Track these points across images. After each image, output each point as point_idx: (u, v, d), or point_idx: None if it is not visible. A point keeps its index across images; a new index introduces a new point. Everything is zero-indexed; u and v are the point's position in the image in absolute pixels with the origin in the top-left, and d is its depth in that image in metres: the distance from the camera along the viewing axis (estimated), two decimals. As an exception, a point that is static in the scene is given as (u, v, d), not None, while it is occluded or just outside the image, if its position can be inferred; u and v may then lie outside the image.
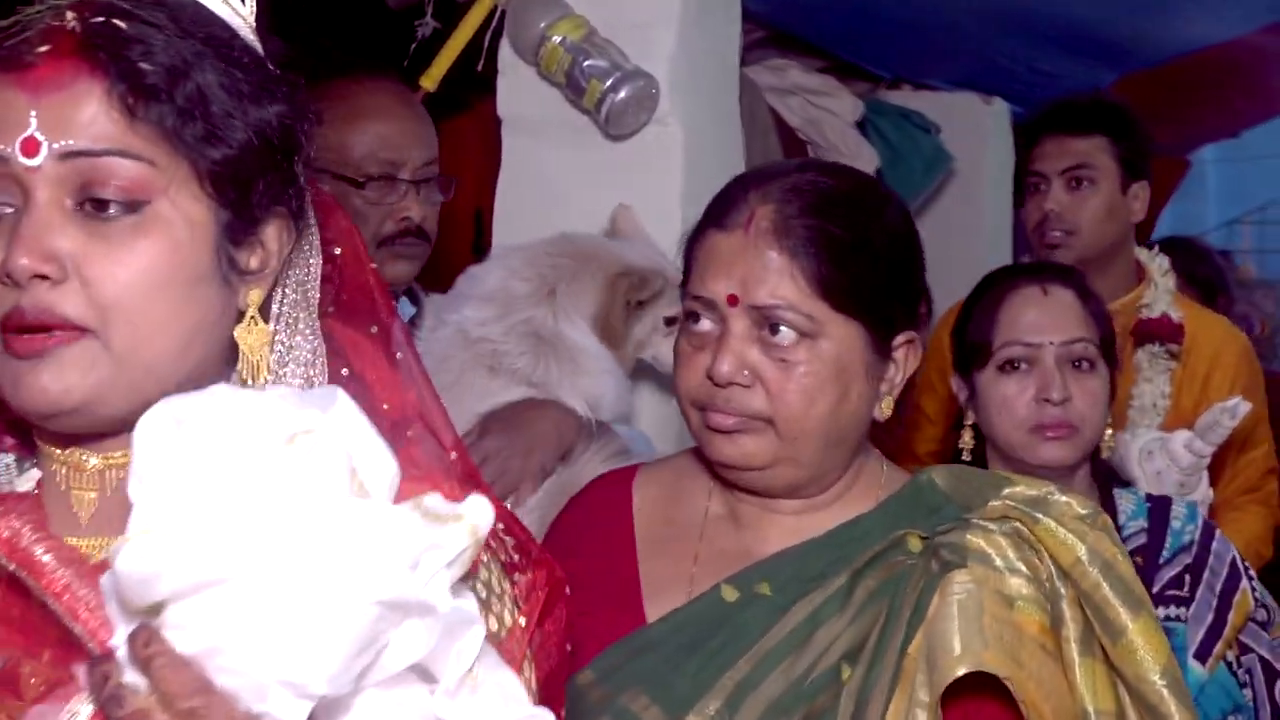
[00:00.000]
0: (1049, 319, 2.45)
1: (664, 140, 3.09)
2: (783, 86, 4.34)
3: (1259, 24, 4.72)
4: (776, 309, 1.61)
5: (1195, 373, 3.24)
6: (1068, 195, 3.27)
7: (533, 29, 3.01)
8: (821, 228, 1.62)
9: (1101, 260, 3.25)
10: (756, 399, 1.62)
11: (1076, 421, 2.42)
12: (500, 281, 2.48)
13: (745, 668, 1.55)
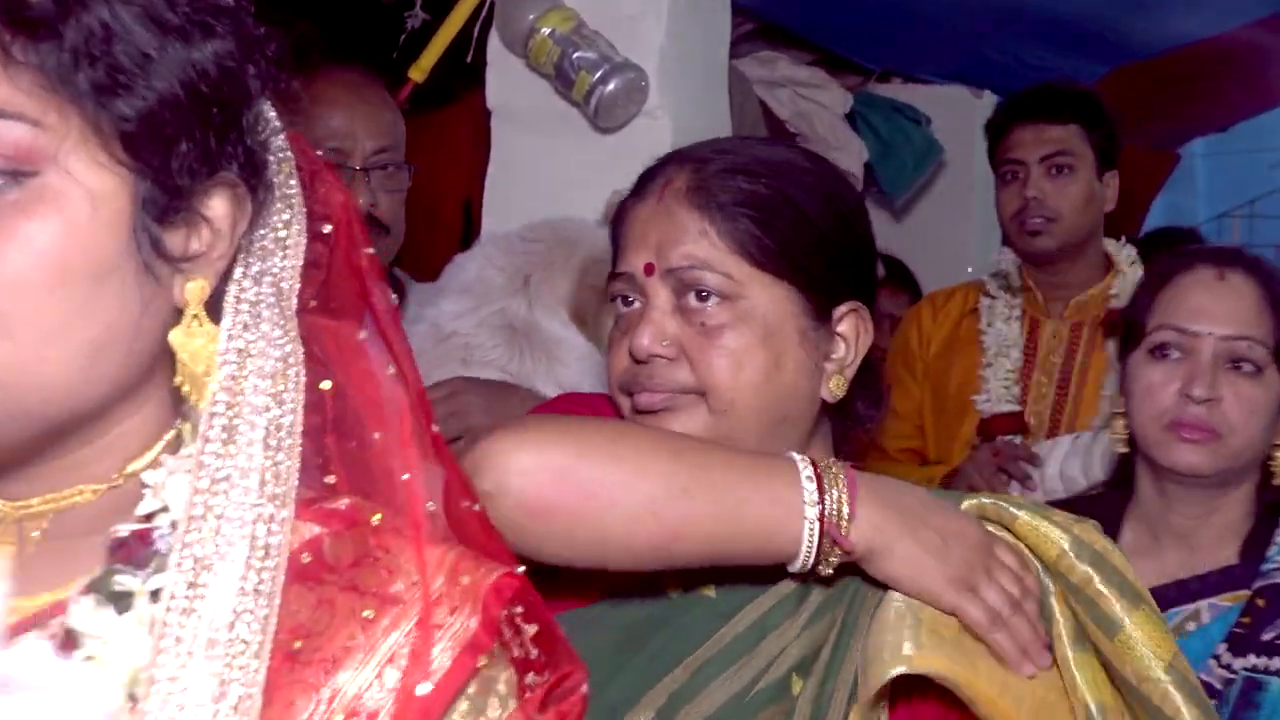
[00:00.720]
0: (1218, 307, 2.19)
1: (653, 132, 3.09)
2: (772, 79, 4.34)
3: (1249, 18, 4.72)
4: (692, 270, 1.50)
5: None
6: (1048, 182, 3.25)
7: (522, 21, 3.00)
8: (739, 185, 1.51)
9: (1076, 249, 3.27)
10: (681, 371, 1.50)
11: (1221, 427, 2.15)
12: (477, 272, 2.47)
13: (683, 676, 1.43)
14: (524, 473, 1.34)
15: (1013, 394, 3.27)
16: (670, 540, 1.36)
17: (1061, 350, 3.29)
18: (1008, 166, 3.31)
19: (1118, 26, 4.65)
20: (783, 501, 1.39)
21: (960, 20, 4.46)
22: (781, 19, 4.30)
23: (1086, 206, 3.25)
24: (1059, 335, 3.30)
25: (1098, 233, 3.31)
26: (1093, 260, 3.31)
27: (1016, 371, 3.28)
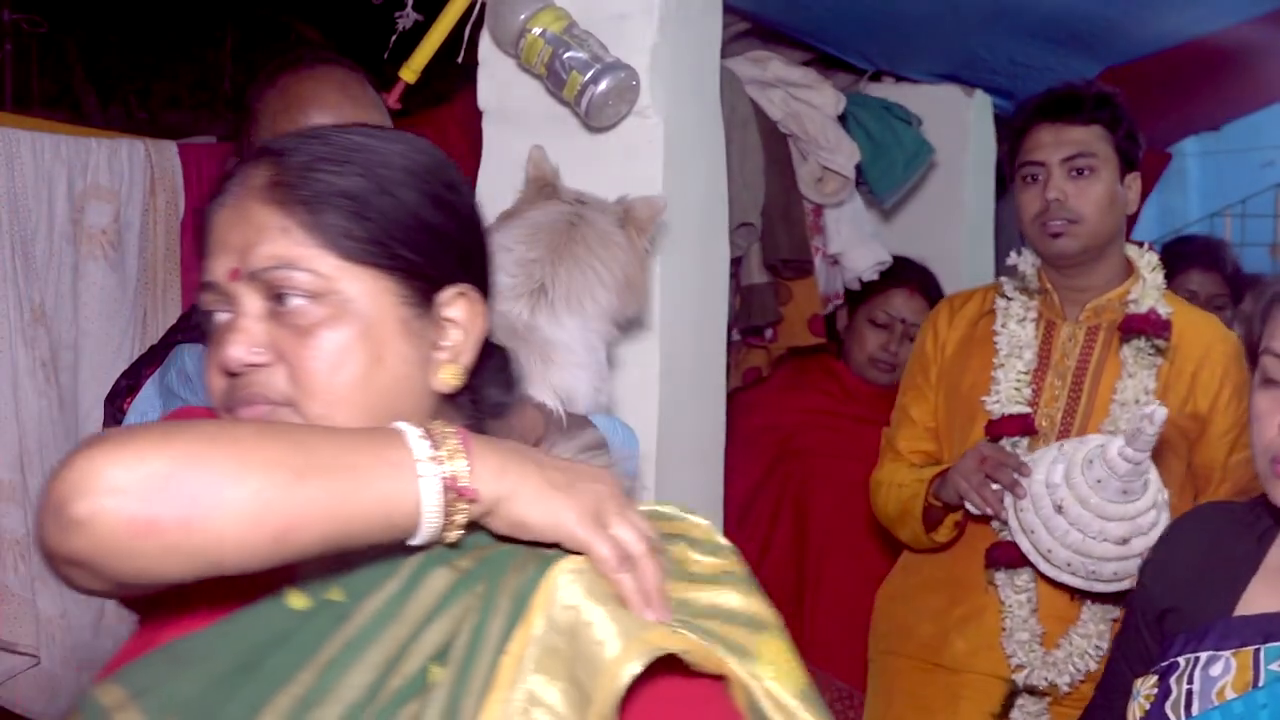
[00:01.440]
0: None
1: (644, 132, 3.09)
2: (764, 79, 4.34)
3: (1241, 17, 4.73)
4: (277, 270, 1.39)
5: (1182, 371, 3.19)
6: (1070, 184, 3.20)
7: (513, 21, 3.00)
8: (322, 177, 1.41)
9: (1097, 252, 3.22)
10: (278, 377, 1.39)
11: None
12: None
13: (309, 679, 1.31)
14: (119, 490, 1.22)
15: (1024, 396, 3.22)
16: (288, 530, 1.26)
17: (1076, 353, 3.25)
18: (1028, 168, 3.27)
19: (1110, 26, 4.66)
20: (399, 465, 1.30)
21: (952, 20, 4.46)
22: (774, 18, 4.30)
23: (1109, 209, 3.20)
24: (1074, 338, 3.26)
25: (1119, 236, 3.27)
26: (1113, 264, 3.26)
27: (1029, 373, 3.24)
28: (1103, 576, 2.91)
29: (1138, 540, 2.84)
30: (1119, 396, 3.14)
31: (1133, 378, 3.15)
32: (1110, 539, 2.86)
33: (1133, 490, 2.82)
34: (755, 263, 4.31)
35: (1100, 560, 2.88)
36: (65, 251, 3.65)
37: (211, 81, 7.46)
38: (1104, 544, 2.86)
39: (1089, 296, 3.26)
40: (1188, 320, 3.25)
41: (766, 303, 4.34)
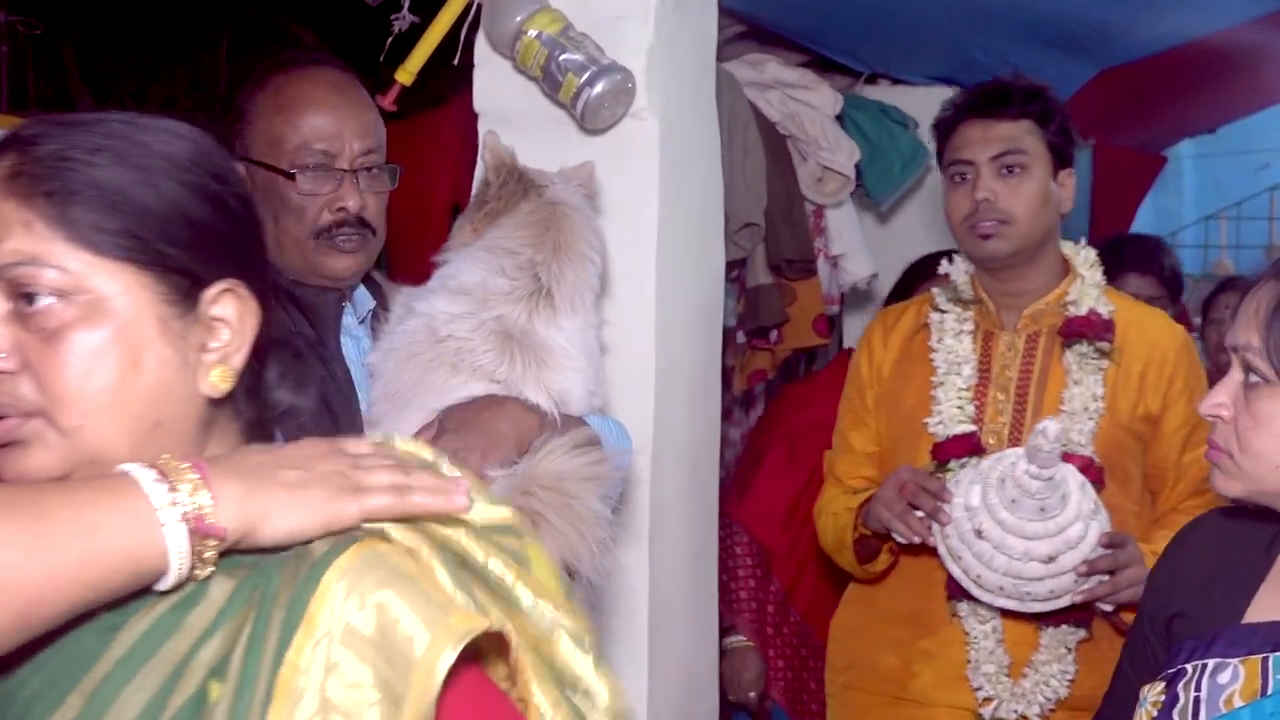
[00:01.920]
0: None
1: (640, 134, 3.09)
2: (761, 81, 4.35)
3: (1237, 20, 4.74)
4: (19, 267, 1.29)
5: (1130, 371, 3.03)
6: (1000, 182, 3.03)
7: (509, 23, 3.00)
8: (70, 167, 1.31)
9: (1031, 253, 3.07)
10: (25, 386, 1.30)
11: None
12: (482, 278, 2.46)
13: (78, 703, 1.22)
14: None
15: (967, 414, 3.06)
16: (31, 607, 1.16)
17: (1017, 364, 3.09)
18: (956, 167, 3.11)
19: (1105, 28, 4.66)
20: (137, 515, 1.21)
21: (947, 23, 4.47)
22: (769, 21, 4.31)
23: (1042, 208, 3.05)
24: (1014, 347, 3.10)
25: (1054, 236, 3.11)
26: (1049, 265, 3.11)
27: (970, 389, 3.07)
28: (1038, 596, 2.82)
29: (1067, 556, 2.76)
30: (1066, 406, 3.00)
31: (1079, 385, 3.01)
32: (1036, 558, 2.76)
33: (1050, 506, 2.73)
34: (760, 264, 4.32)
35: (1031, 581, 2.79)
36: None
37: (207, 83, 7.47)
38: (1031, 564, 2.77)
39: (1025, 301, 3.11)
40: (1132, 317, 3.10)
41: (772, 304, 4.35)
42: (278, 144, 2.42)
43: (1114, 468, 2.99)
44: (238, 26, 7.41)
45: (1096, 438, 2.99)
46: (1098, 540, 2.79)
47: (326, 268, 2.42)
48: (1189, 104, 6.40)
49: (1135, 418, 3.01)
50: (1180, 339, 3.09)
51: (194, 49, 7.51)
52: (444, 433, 2.33)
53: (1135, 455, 3.04)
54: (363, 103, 2.49)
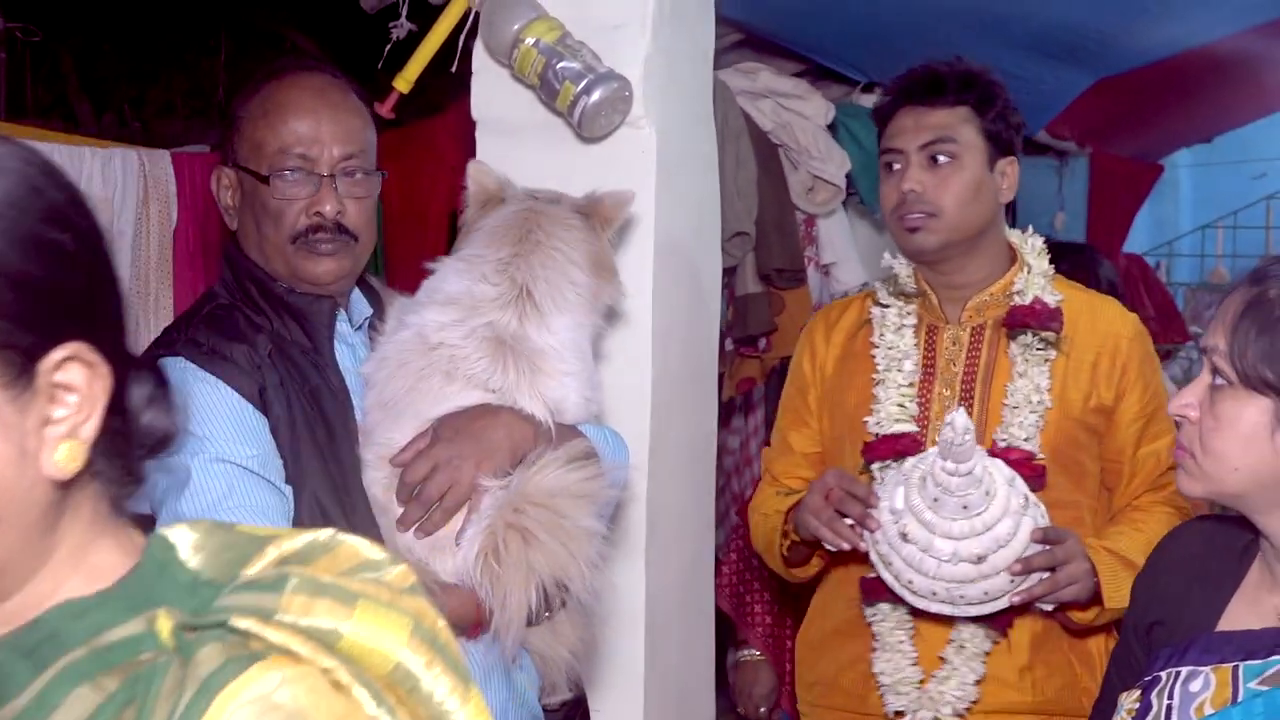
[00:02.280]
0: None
1: (637, 143, 3.10)
2: (754, 90, 4.35)
3: (1233, 29, 4.75)
4: None
5: (1081, 362, 2.90)
6: (928, 173, 2.90)
7: (506, 31, 3.01)
8: None
9: (967, 245, 2.92)
10: None
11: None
12: (468, 285, 2.46)
13: None
14: None
15: (909, 412, 2.92)
16: None
17: (962, 358, 2.94)
18: (888, 156, 2.99)
19: (1102, 37, 4.67)
20: None
21: (942, 31, 4.47)
22: (765, 30, 4.31)
23: (973, 199, 2.90)
24: (959, 341, 2.95)
25: (993, 226, 2.95)
26: (991, 255, 2.96)
27: (912, 386, 2.94)
28: (972, 600, 2.67)
29: (998, 555, 2.63)
30: (1010, 400, 2.87)
31: (1024, 377, 2.87)
32: (965, 559, 2.62)
33: (974, 503, 2.60)
34: (750, 272, 4.32)
35: (962, 583, 2.65)
36: (59, 259, 3.66)
37: (205, 91, 7.47)
38: (961, 565, 2.63)
39: (969, 293, 2.96)
40: (1083, 306, 2.96)
41: (761, 312, 4.35)
42: (259, 149, 2.41)
43: (1066, 462, 2.88)
44: (236, 34, 7.41)
45: (1044, 431, 2.86)
46: (1031, 536, 2.65)
47: (306, 272, 2.41)
48: (1186, 113, 6.41)
49: (1088, 410, 2.89)
50: (1133, 328, 2.96)
51: (192, 56, 7.51)
52: (438, 441, 2.33)
53: (1089, 449, 2.92)
54: (347, 107, 2.47)
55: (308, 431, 2.33)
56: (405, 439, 2.35)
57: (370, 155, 2.48)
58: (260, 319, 2.39)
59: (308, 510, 2.28)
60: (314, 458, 2.32)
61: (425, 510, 2.32)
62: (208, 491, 2.20)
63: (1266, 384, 1.94)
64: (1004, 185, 2.96)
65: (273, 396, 2.31)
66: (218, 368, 2.29)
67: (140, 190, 3.83)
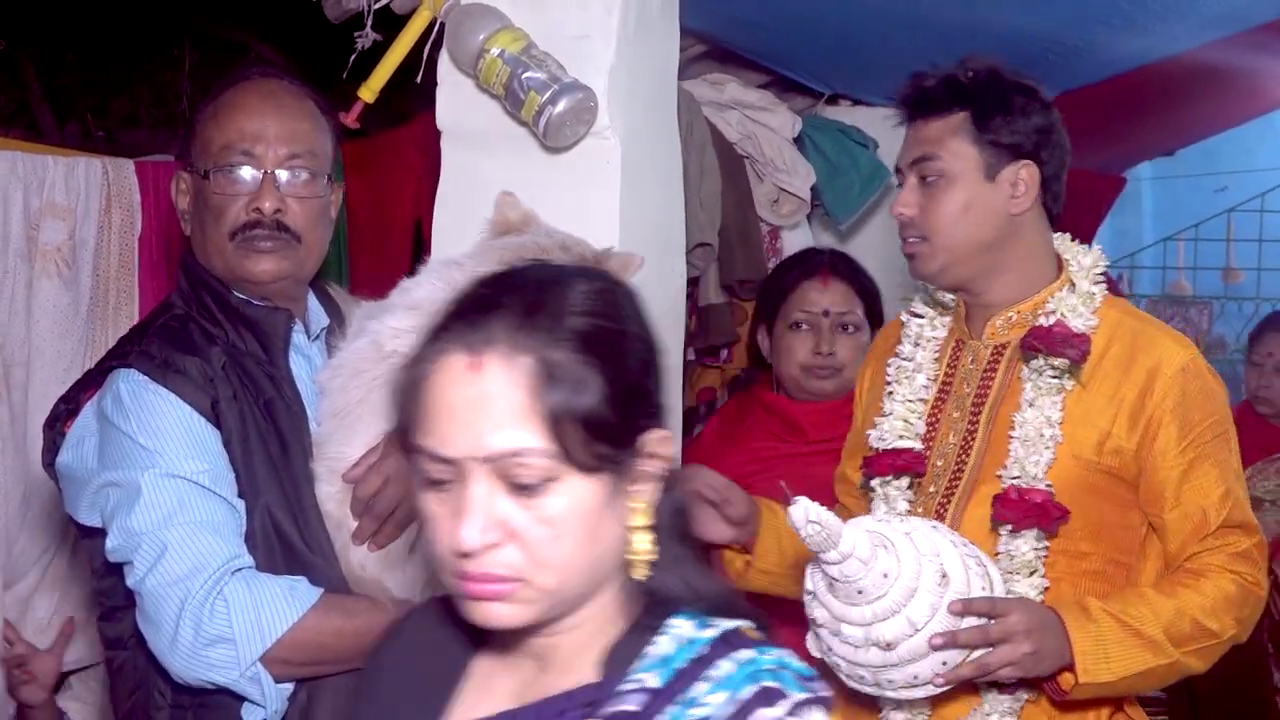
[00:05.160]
0: None
1: (602, 153, 3.10)
2: (720, 101, 4.37)
3: (1196, 43, 4.78)
4: None
5: (1100, 395, 2.58)
6: (920, 194, 2.66)
7: (471, 41, 3.01)
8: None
9: (983, 263, 2.66)
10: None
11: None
12: (429, 292, 2.44)
13: None
14: None
15: (915, 429, 2.70)
16: None
17: (976, 378, 2.68)
18: (896, 177, 2.79)
19: (1065, 50, 4.70)
20: None
21: (908, 43, 4.49)
22: (731, 42, 4.33)
23: (964, 217, 2.62)
24: (978, 360, 2.70)
25: (1013, 240, 2.66)
26: (1024, 270, 2.67)
27: (923, 401, 2.72)
28: (899, 684, 2.36)
29: (914, 640, 2.30)
30: (1017, 432, 2.57)
31: (1033, 407, 2.57)
32: (877, 644, 2.30)
33: (870, 589, 2.26)
34: (713, 283, 4.34)
35: (880, 668, 2.34)
36: (20, 269, 3.64)
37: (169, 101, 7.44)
38: (873, 651, 2.32)
39: (994, 312, 2.70)
40: (1127, 333, 2.63)
41: (723, 323, 4.37)
42: (206, 147, 2.41)
43: (1077, 508, 2.54)
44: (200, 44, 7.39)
45: (1053, 471, 2.55)
46: (949, 609, 2.31)
47: (244, 270, 2.38)
48: (1148, 127, 6.45)
49: (1104, 452, 2.56)
50: (1181, 361, 2.59)
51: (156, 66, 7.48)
52: (389, 454, 2.31)
53: (1113, 496, 2.59)
54: (297, 110, 2.46)
55: (261, 445, 2.31)
56: (357, 453, 2.33)
57: (321, 160, 2.46)
58: (215, 329, 2.38)
59: (260, 524, 2.27)
60: (267, 471, 2.30)
61: (378, 524, 2.31)
62: (158, 506, 2.19)
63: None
64: (1017, 194, 2.65)
65: (225, 409, 2.29)
66: (170, 380, 2.27)
67: (103, 199, 3.82)
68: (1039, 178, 2.67)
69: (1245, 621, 2.55)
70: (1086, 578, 2.56)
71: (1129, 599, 2.49)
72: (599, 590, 1.55)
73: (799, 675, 1.50)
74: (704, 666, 1.50)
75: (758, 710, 1.44)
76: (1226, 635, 2.52)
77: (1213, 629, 2.50)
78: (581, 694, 1.54)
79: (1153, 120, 6.28)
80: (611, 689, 1.52)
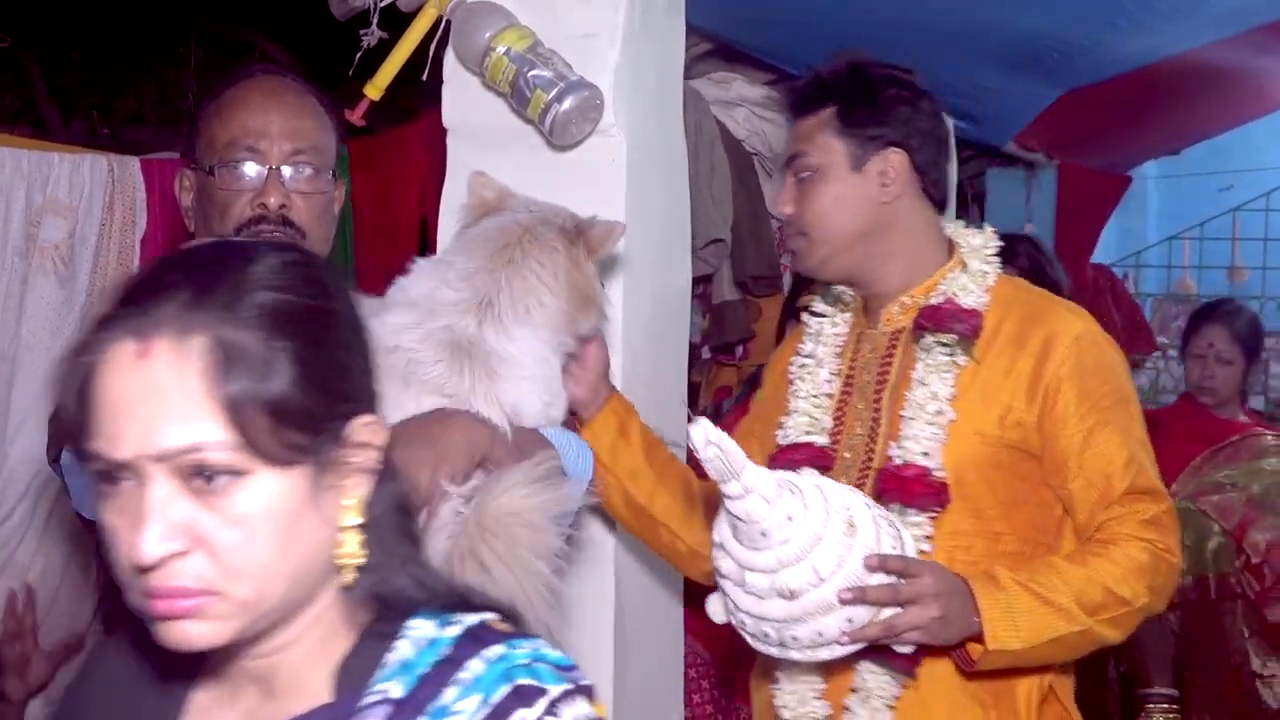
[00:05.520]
0: None
1: (608, 151, 3.10)
2: (728, 99, 4.37)
3: (1201, 42, 4.78)
4: None
5: (997, 370, 2.55)
6: (795, 191, 2.67)
7: (477, 39, 3.01)
8: None
9: (865, 255, 2.65)
10: None
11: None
12: (430, 290, 2.44)
13: None
14: None
15: (821, 425, 2.68)
16: None
17: (875, 366, 2.67)
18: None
19: (1070, 49, 4.70)
20: None
21: (914, 42, 4.49)
22: (738, 40, 4.33)
23: (834, 211, 2.63)
24: (876, 348, 2.69)
25: (892, 229, 2.65)
26: (910, 257, 2.67)
27: (831, 397, 2.70)
28: (804, 641, 2.27)
29: (819, 591, 2.21)
30: (907, 411, 2.56)
31: (923, 385, 2.56)
32: (781, 592, 2.21)
33: (774, 532, 2.18)
34: (726, 280, 4.34)
35: (786, 622, 2.24)
36: (16, 265, 3.65)
37: (174, 99, 7.45)
38: (776, 601, 2.22)
39: (888, 300, 2.69)
40: (1023, 307, 2.62)
41: (739, 319, 4.36)
42: (210, 144, 2.41)
43: (972, 487, 2.52)
44: (206, 42, 7.40)
45: (947, 448, 2.53)
46: (865, 563, 2.24)
47: None
48: (1154, 125, 6.45)
49: (1006, 426, 2.53)
50: (1077, 329, 2.58)
51: (161, 65, 7.49)
52: (394, 447, 2.31)
53: (1016, 472, 2.55)
54: (301, 107, 2.46)
55: None
56: None
57: (325, 157, 2.46)
58: None
59: None
60: None
61: None
62: None
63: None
64: (887, 182, 2.64)
65: None
66: None
67: (106, 196, 3.82)
68: (909, 165, 2.66)
69: (1159, 590, 2.50)
70: (1005, 559, 2.49)
71: (1038, 568, 2.45)
72: (312, 599, 1.38)
73: (556, 666, 1.39)
74: (452, 669, 1.36)
75: (515, 712, 1.33)
76: (1139, 603, 2.47)
77: (1125, 596, 2.44)
78: (315, 717, 1.38)
79: (1158, 119, 6.29)
80: (350, 707, 1.36)
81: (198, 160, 2.45)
